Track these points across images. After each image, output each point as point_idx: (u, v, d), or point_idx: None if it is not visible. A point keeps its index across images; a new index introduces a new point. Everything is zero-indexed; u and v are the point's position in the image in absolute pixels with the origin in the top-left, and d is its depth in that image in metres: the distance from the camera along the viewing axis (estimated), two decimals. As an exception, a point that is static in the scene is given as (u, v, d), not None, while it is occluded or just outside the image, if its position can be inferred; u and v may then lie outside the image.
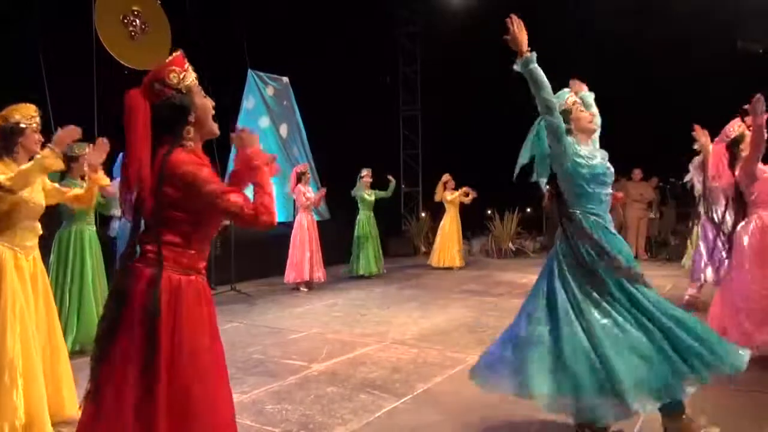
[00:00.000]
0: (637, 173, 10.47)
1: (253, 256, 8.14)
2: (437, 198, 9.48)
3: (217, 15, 8.99)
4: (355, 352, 4.41)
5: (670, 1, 9.32)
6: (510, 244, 10.96)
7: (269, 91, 9.45)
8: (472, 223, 12.35)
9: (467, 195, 9.41)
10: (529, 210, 12.88)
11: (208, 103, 1.95)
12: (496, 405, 3.08)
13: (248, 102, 9.19)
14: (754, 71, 10.17)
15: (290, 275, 7.44)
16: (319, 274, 7.52)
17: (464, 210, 9.79)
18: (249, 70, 9.17)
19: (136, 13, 7.36)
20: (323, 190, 8.00)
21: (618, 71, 11.17)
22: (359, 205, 8.58)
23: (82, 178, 4.12)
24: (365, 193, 8.53)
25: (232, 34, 9.03)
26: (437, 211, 12.30)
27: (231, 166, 7.94)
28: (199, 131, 1.92)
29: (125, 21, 7.26)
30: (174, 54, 1.90)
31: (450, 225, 9.41)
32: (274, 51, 9.71)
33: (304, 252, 7.45)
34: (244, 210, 1.79)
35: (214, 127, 1.97)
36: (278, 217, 7.30)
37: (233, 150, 7.98)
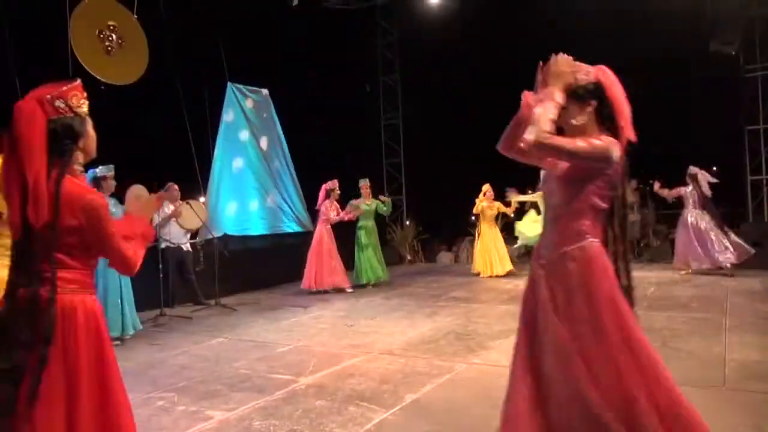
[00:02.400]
0: (618, 176, 10.56)
1: (237, 271, 8.06)
2: (476, 210, 9.41)
3: (195, 28, 8.96)
4: (343, 363, 4.37)
5: (648, 2, 9.47)
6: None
7: (249, 104, 9.40)
8: (458, 230, 12.38)
9: (508, 206, 9.34)
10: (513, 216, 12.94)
11: (94, 135, 1.99)
12: (485, 413, 3.05)
13: (228, 115, 9.13)
14: (727, 73, 10.41)
15: (309, 282, 7.99)
16: (339, 279, 8.08)
17: (449, 216, 9.81)
18: (228, 83, 9.12)
19: (112, 27, 7.27)
20: (359, 209, 8.38)
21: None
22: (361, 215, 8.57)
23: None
24: (365, 203, 8.52)
25: (210, 47, 8.99)
26: (421, 218, 12.32)
27: (215, 175, 7.80)
28: (84, 158, 1.96)
29: (101, 36, 7.17)
30: (74, 81, 1.92)
31: (488, 234, 9.36)
32: (253, 63, 9.69)
33: (329, 261, 8.02)
34: (130, 260, 1.92)
35: (94, 155, 2.02)
36: (257, 230, 7.27)
37: (215, 161, 7.85)
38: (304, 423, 3.19)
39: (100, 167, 5.51)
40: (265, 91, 9.64)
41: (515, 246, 9.83)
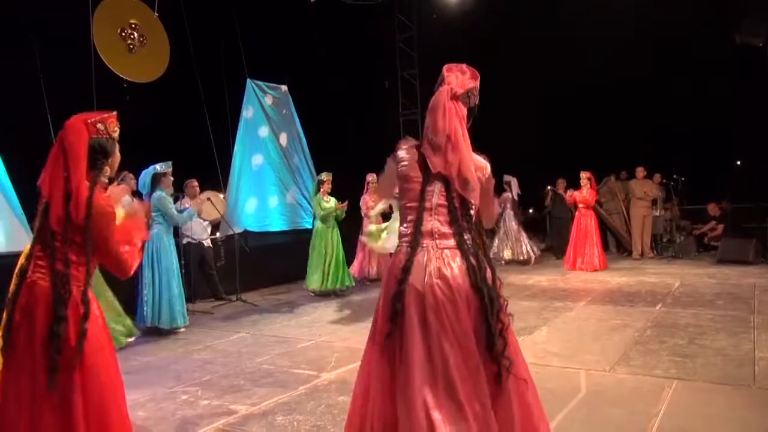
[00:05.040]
0: (641, 171, 10.43)
1: (257, 267, 8.12)
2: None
3: (215, 25, 9.01)
4: (365, 359, 4.36)
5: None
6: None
7: (268, 101, 9.42)
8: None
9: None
10: (531, 211, 12.87)
11: (119, 157, 2.36)
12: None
13: (247, 112, 9.16)
14: (753, 67, 10.19)
15: (362, 271, 8.33)
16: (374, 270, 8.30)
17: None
18: (248, 80, 9.15)
19: (133, 26, 7.34)
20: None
21: (621, 70, 11.19)
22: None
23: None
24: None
25: (230, 44, 9.04)
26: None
27: (235, 171, 7.79)
28: (109, 173, 2.35)
29: (123, 34, 7.25)
30: (112, 112, 2.29)
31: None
32: (272, 60, 9.72)
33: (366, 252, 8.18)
34: (127, 264, 2.20)
35: (114, 173, 2.41)
36: (277, 227, 7.30)
37: (234, 157, 7.85)
38: (327, 418, 3.20)
39: (159, 164, 5.61)
40: (284, 88, 9.66)
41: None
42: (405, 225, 2.19)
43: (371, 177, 8.49)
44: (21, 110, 6.47)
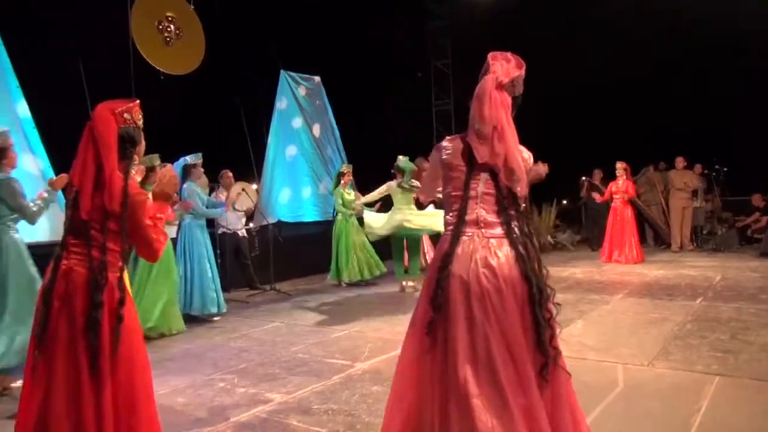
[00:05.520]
0: (681, 161, 10.16)
1: (290, 257, 8.21)
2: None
3: (249, 17, 9.08)
4: (397, 350, 4.32)
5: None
6: (549, 238, 10.75)
7: (301, 92, 9.48)
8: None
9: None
10: (565, 202, 12.66)
11: (144, 145, 2.40)
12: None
13: (281, 103, 9.23)
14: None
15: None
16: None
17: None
18: (281, 71, 9.22)
19: (170, 19, 7.46)
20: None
21: (660, 56, 10.90)
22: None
23: None
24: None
25: (263, 36, 9.11)
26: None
27: (269, 162, 7.85)
28: (137, 161, 2.41)
29: (160, 27, 7.37)
30: (136, 101, 2.31)
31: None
32: (305, 51, 9.76)
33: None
34: (157, 249, 2.28)
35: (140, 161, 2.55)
36: (311, 217, 7.39)
37: (268, 149, 7.94)
38: (362, 408, 3.22)
39: (190, 155, 5.72)
40: (317, 79, 9.70)
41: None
42: (450, 214, 2.16)
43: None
44: (63, 105, 6.66)
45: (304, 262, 8.73)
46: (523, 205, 2.14)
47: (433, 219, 6.51)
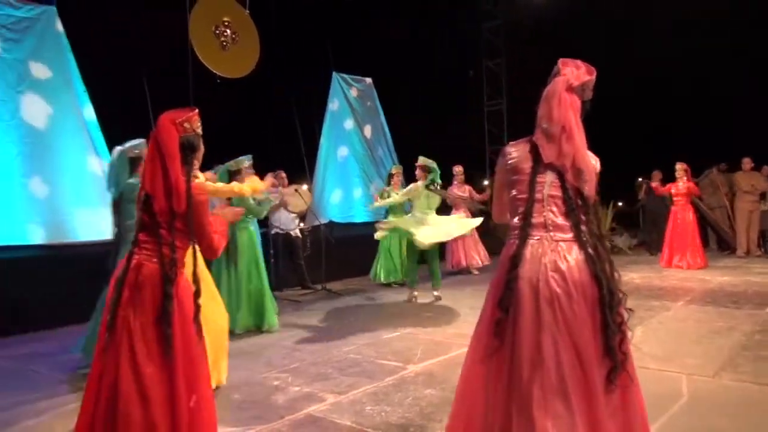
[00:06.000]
0: (747, 162, 9.71)
1: (342, 257, 8.27)
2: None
3: (302, 20, 9.22)
4: (451, 353, 4.34)
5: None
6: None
7: (353, 93, 9.57)
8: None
9: None
10: (621, 204, 12.28)
11: (203, 150, 2.56)
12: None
13: (333, 104, 9.35)
14: None
15: (453, 262, 8.56)
16: (478, 259, 8.62)
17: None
18: (333, 73, 9.33)
19: (226, 23, 7.66)
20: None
21: (723, 56, 10.46)
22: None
23: None
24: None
25: (316, 38, 9.22)
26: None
27: (321, 163, 7.90)
28: (197, 165, 2.55)
29: (217, 32, 7.57)
30: (194, 109, 2.47)
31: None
32: (357, 52, 9.83)
33: (470, 239, 8.37)
34: (217, 247, 2.51)
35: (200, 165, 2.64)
36: (362, 218, 7.49)
37: (320, 150, 8.02)
38: (415, 411, 3.21)
39: (242, 157, 5.78)
40: (368, 80, 9.78)
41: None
42: (516, 217, 2.15)
43: (458, 168, 8.51)
44: (125, 109, 6.93)
45: (354, 262, 8.78)
46: (593, 206, 2.11)
47: (454, 225, 6.31)
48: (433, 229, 6.07)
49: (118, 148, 4.19)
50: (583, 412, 1.88)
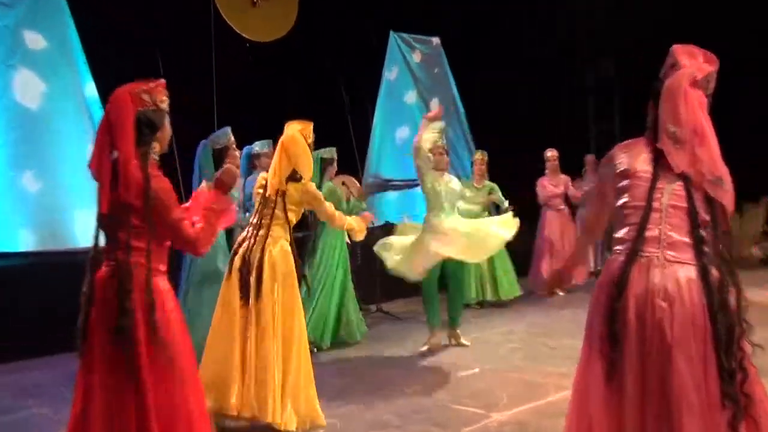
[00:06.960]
0: None
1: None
2: None
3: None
4: (547, 398, 4.25)
5: None
6: (754, 250, 10.03)
7: (416, 57, 9.53)
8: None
9: None
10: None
11: (170, 131, 2.60)
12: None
13: (390, 72, 9.33)
14: None
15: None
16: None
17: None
18: (391, 32, 9.31)
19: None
20: None
21: None
22: None
23: None
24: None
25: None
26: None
27: (374, 148, 7.89)
28: (159, 149, 2.56)
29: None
30: (159, 80, 2.52)
31: None
32: (420, 6, 9.78)
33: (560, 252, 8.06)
34: (193, 240, 2.49)
35: (166, 149, 2.63)
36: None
37: (374, 130, 8.03)
38: (503, 474, 3.14)
39: (257, 143, 5.90)
40: (435, 40, 9.71)
41: None
42: (625, 229, 2.27)
43: (551, 153, 8.33)
44: (136, 68, 7.10)
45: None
46: (726, 221, 2.22)
47: (494, 230, 5.51)
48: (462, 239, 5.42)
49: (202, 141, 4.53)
50: None
